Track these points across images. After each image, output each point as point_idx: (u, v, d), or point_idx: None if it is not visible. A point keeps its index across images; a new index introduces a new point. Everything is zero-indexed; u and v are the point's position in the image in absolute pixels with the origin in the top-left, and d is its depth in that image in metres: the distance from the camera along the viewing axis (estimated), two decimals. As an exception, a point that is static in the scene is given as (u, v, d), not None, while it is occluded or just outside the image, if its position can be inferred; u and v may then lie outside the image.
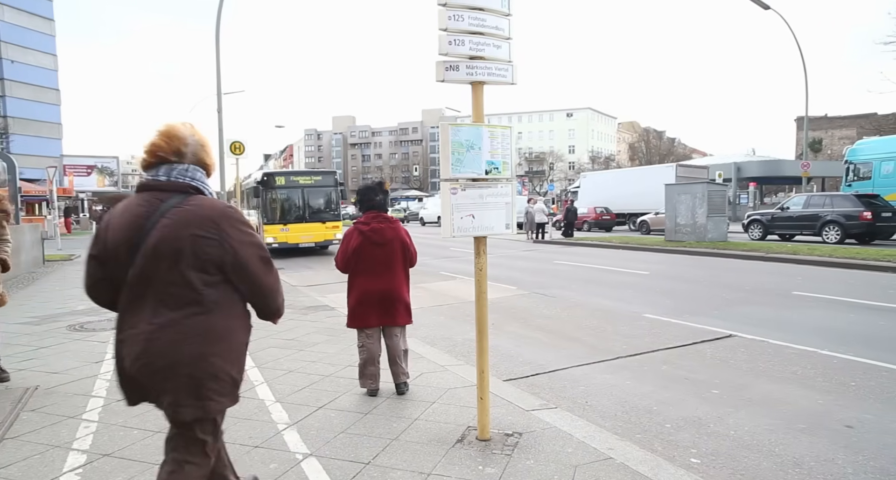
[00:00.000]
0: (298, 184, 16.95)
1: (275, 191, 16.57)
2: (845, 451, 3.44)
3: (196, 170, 2.15)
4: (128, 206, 2.08)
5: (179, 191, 2.08)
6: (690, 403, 4.29)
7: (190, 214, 2.02)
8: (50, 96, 51.10)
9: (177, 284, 2.00)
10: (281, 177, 17.05)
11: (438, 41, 3.12)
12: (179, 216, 2.01)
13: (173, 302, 2.00)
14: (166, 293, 2.00)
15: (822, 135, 61.65)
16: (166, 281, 2.00)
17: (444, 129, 3.17)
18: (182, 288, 2.00)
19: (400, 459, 3.18)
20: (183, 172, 2.11)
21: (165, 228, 1.99)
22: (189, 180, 2.11)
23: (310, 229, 16.73)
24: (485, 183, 3.31)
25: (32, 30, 49.37)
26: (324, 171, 18.49)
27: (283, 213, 16.64)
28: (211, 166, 2.23)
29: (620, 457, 3.15)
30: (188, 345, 2.00)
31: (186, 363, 2.00)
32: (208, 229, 2.01)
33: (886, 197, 17.52)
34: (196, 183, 2.13)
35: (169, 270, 1.99)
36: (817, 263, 12.32)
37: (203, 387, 2.04)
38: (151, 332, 1.98)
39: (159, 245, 1.98)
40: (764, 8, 20.60)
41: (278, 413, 3.91)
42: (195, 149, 2.16)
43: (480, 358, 3.42)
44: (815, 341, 5.89)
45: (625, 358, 5.52)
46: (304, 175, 17.75)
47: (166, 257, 1.98)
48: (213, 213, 2.05)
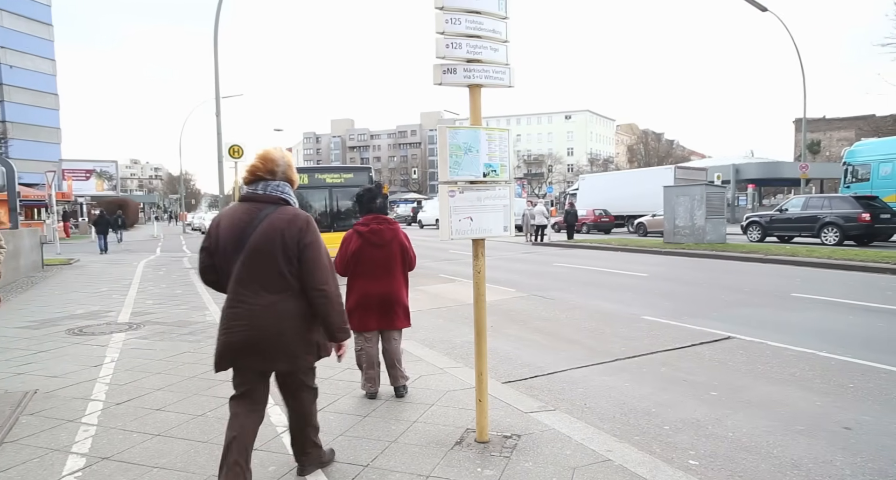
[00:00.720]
0: (325, 183, 13.19)
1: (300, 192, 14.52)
2: (844, 453, 3.45)
3: (285, 186, 2.79)
4: (234, 213, 2.72)
5: (273, 203, 2.72)
6: (689, 405, 4.30)
7: (280, 221, 2.65)
8: (49, 101, 51.06)
9: (273, 274, 2.63)
10: (302, 175, 12.47)
11: (435, 44, 3.14)
12: (275, 220, 2.65)
13: (272, 288, 2.64)
14: (266, 280, 2.63)
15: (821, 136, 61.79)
16: (265, 271, 2.63)
17: (441, 132, 3.19)
18: (277, 277, 2.64)
19: (398, 461, 3.18)
20: (275, 188, 2.75)
21: (263, 231, 2.63)
22: (280, 194, 2.75)
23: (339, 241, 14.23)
24: (483, 185, 3.32)
25: (31, 35, 49.35)
26: (357, 167, 14.71)
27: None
28: (295, 182, 2.87)
29: (619, 459, 3.16)
30: (285, 320, 2.65)
31: (284, 333, 2.66)
32: (293, 232, 2.64)
33: (885, 198, 17.59)
34: (285, 196, 2.76)
35: (266, 263, 2.63)
36: (816, 265, 12.33)
37: (294, 349, 2.71)
38: (256, 309, 2.62)
39: (261, 242, 2.62)
40: (761, 10, 20.69)
41: (277, 417, 3.91)
42: (284, 168, 2.80)
43: (479, 361, 3.43)
44: (814, 343, 5.90)
45: (623, 360, 5.52)
46: (331, 172, 13.91)
47: (264, 253, 2.62)
48: (297, 217, 2.70)
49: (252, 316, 2.62)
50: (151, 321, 7.51)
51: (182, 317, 7.72)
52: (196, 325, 7.16)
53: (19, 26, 48.32)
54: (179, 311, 8.26)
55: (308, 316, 2.72)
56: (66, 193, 40.92)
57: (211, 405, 4.17)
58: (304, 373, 2.91)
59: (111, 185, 56.29)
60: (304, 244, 2.65)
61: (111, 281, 12.32)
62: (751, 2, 20.38)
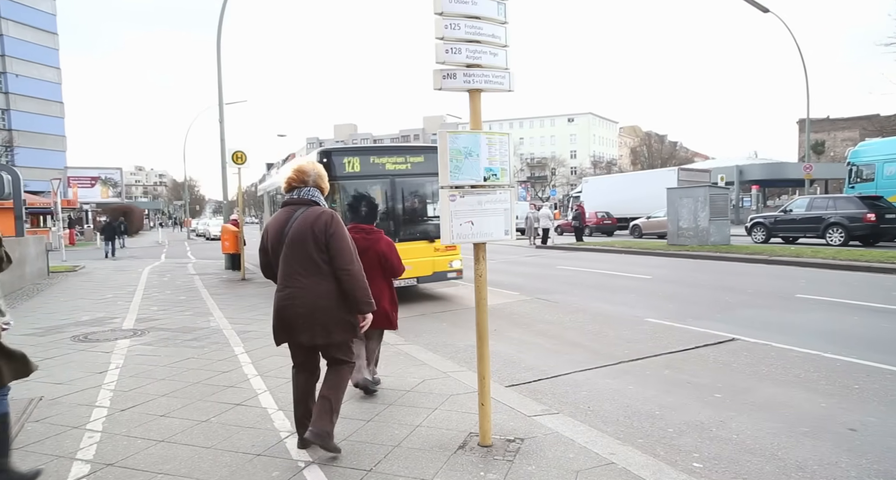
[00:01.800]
0: (385, 171, 9.41)
1: (342, 184, 8.91)
2: (849, 454, 3.43)
3: (315, 190, 3.44)
4: (278, 216, 3.40)
5: (304, 204, 3.38)
6: (693, 407, 4.29)
7: (310, 217, 3.28)
8: (54, 109, 51.44)
9: (308, 260, 3.23)
10: (353, 159, 9.17)
11: (435, 50, 3.16)
12: (305, 217, 3.29)
13: (308, 272, 3.24)
14: (303, 266, 3.24)
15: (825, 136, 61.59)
16: (301, 259, 3.24)
17: (442, 137, 3.20)
18: (311, 263, 3.23)
19: (402, 466, 3.19)
20: (307, 193, 3.41)
21: (297, 226, 3.27)
22: (310, 197, 3.40)
23: (407, 253, 9.12)
24: (483, 189, 3.33)
25: (36, 44, 49.76)
26: (429, 147, 10.03)
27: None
28: (325, 189, 3.51)
29: (622, 462, 3.15)
30: (320, 300, 3.23)
31: (320, 311, 3.23)
32: (319, 225, 3.23)
33: (890, 198, 17.43)
34: (314, 198, 3.40)
35: (301, 252, 3.24)
36: (821, 266, 12.28)
37: (330, 325, 3.27)
38: (297, 291, 3.24)
39: (295, 235, 3.26)
40: (763, 11, 20.67)
41: (281, 422, 3.92)
42: (314, 177, 3.47)
43: (481, 364, 3.43)
44: (819, 344, 5.87)
45: (627, 362, 5.51)
46: (393, 154, 9.67)
47: (299, 243, 3.24)
48: (323, 213, 3.30)
49: (294, 296, 3.24)
50: (156, 327, 7.54)
51: (186, 323, 7.75)
52: (200, 331, 7.19)
53: (25, 35, 48.75)
54: (184, 317, 8.29)
55: (340, 296, 3.28)
56: (72, 200, 41.17)
57: (215, 410, 4.18)
58: (337, 348, 3.40)
59: (116, 192, 56.58)
60: (329, 234, 3.23)
61: (116, 287, 12.37)
62: (752, 3, 20.37)
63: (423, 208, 9.74)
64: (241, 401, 4.38)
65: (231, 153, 14.05)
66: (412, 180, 9.51)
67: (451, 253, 9.52)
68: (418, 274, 9.18)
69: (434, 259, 9.33)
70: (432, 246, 9.28)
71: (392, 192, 9.34)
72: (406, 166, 9.45)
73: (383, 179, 9.30)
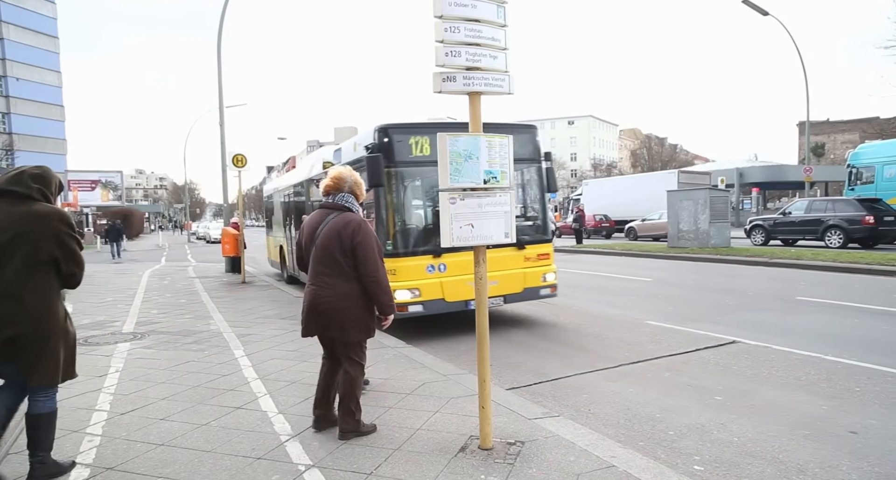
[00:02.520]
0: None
1: (404, 173, 6.90)
2: (850, 457, 3.42)
3: (349, 196, 3.69)
4: (312, 217, 3.75)
5: (337, 209, 3.65)
6: (694, 410, 4.28)
7: (338, 224, 3.54)
8: (54, 112, 51.51)
9: (333, 262, 3.51)
10: (421, 138, 6.78)
11: (435, 52, 3.16)
12: (335, 222, 3.56)
13: (333, 273, 3.53)
14: (329, 267, 3.53)
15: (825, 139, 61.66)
16: (328, 260, 3.53)
17: (441, 140, 3.21)
18: (336, 265, 3.51)
19: (402, 469, 3.18)
20: (341, 198, 3.67)
21: (327, 230, 3.55)
22: (344, 202, 3.66)
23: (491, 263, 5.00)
24: (483, 192, 3.33)
25: (37, 47, 49.85)
26: (514, 126, 7.73)
27: (427, 227, 7.14)
28: (360, 195, 3.77)
29: (623, 465, 3.14)
30: (341, 300, 3.51)
31: (340, 310, 3.52)
32: (347, 228, 3.49)
33: (890, 200, 17.42)
34: (348, 204, 3.66)
35: (328, 254, 3.52)
36: (821, 268, 12.27)
37: (347, 324, 3.54)
38: (321, 289, 3.55)
39: (324, 238, 3.54)
40: (762, 14, 20.72)
41: (281, 425, 3.91)
42: (350, 184, 3.71)
43: (481, 367, 3.43)
44: (819, 346, 5.87)
45: (627, 365, 5.50)
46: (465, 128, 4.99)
47: (327, 246, 3.53)
48: (352, 221, 3.54)
49: (317, 294, 3.56)
50: (156, 330, 7.54)
51: (187, 327, 7.75)
52: (200, 334, 7.18)
53: (26, 39, 48.85)
54: (184, 320, 8.28)
55: (360, 297, 3.54)
56: (72, 204, 41.22)
57: (215, 414, 4.17)
58: (350, 347, 3.64)
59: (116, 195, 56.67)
60: (355, 243, 3.47)
61: (116, 290, 12.36)
62: (752, 6, 20.42)
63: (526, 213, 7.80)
64: (241, 405, 4.37)
65: (231, 156, 14.06)
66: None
67: (544, 262, 7.48)
68: (505, 290, 7.03)
69: (525, 270, 7.21)
70: (522, 253, 7.18)
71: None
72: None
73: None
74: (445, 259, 6.64)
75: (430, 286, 6.56)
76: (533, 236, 7.51)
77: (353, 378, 3.64)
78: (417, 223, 7.08)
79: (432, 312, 6.60)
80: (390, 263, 5.91)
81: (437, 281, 6.61)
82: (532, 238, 7.45)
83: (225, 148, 15.80)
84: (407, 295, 6.44)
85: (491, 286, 6.41)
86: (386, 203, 6.55)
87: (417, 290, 6.51)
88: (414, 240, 6.85)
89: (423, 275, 6.56)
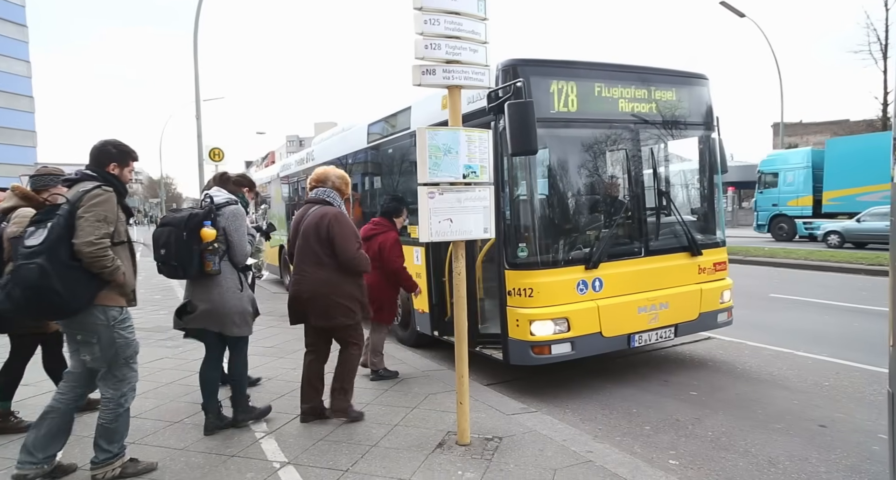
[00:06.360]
0: (618, 113, 4.73)
1: (553, 136, 4.55)
2: (819, 450, 3.50)
3: (331, 192, 3.91)
4: (298, 212, 3.94)
5: (319, 203, 3.87)
6: (670, 405, 4.33)
7: (316, 216, 3.75)
8: (23, 103, 50.09)
9: (313, 252, 3.71)
10: (567, 83, 4.40)
11: (414, 45, 3.13)
12: (314, 215, 3.77)
13: (313, 263, 3.72)
14: (310, 257, 3.73)
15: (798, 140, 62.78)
16: (308, 251, 3.72)
17: (421, 133, 3.17)
18: (315, 255, 3.70)
19: (379, 466, 3.15)
20: (322, 193, 3.90)
21: (309, 221, 3.76)
22: (325, 197, 3.88)
23: (658, 276, 4.82)
24: (463, 187, 3.31)
25: (4, 36, 48.38)
26: (679, 72, 5.16)
27: (577, 224, 4.79)
28: (344, 191, 4.00)
29: (600, 460, 3.16)
30: (321, 287, 3.69)
31: (320, 296, 3.69)
32: (322, 221, 3.70)
33: (788, 203, 19.64)
34: (328, 198, 3.87)
35: (308, 244, 3.72)
36: (794, 266, 12.55)
37: (330, 309, 3.71)
38: (304, 277, 3.74)
39: (305, 230, 3.76)
40: (739, 16, 21.03)
41: (256, 423, 3.85)
42: (333, 180, 3.96)
43: (460, 363, 3.41)
44: (792, 342, 5.99)
45: (605, 361, 5.54)
46: (628, 79, 4.77)
47: (307, 237, 3.73)
48: (326, 213, 3.74)
49: (300, 283, 3.75)
50: (128, 326, 7.36)
51: (161, 323, 7.58)
52: (174, 331, 7.02)
53: (-8, 27, 47.36)
54: (158, 316, 8.12)
55: (339, 284, 3.70)
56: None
57: (188, 411, 4.09)
58: (343, 330, 3.82)
59: (89, 189, 55.22)
60: (332, 234, 3.66)
61: (88, 286, 12.05)
62: (729, 7, 20.72)
63: (680, 190, 5.59)
64: (215, 401, 4.28)
65: (208, 150, 13.82)
66: (659, 133, 5.04)
67: (720, 275, 5.29)
68: (678, 318, 4.92)
69: (701, 287, 5.06)
70: (696, 262, 5.06)
71: (631, 157, 4.81)
72: (651, 107, 4.91)
73: (624, 125, 4.79)
74: (602, 271, 4.50)
75: (582, 314, 4.39)
76: (705, 238, 5.33)
77: (350, 358, 3.87)
78: (563, 218, 4.76)
79: (584, 353, 4.48)
80: (524, 278, 4.31)
81: (593, 306, 4.44)
82: (705, 240, 5.28)
83: (202, 141, 15.52)
84: (549, 330, 4.27)
85: (661, 311, 4.69)
86: (513, 185, 4.43)
87: (565, 321, 4.32)
88: (561, 243, 4.59)
89: (572, 297, 4.40)
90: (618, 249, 4.69)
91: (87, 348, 2.94)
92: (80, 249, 2.75)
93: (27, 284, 2.70)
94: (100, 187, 2.88)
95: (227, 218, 3.61)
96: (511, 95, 3.94)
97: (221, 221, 3.58)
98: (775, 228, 20.17)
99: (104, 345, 2.92)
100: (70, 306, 2.78)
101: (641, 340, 4.65)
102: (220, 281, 3.54)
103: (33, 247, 2.75)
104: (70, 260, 2.75)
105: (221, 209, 3.63)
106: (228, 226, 3.60)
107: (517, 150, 3.75)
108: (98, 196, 2.84)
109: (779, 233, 19.96)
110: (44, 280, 2.67)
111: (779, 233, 19.95)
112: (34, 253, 2.73)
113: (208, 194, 3.75)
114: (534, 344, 4.24)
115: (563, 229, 4.65)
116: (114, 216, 2.89)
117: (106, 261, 2.81)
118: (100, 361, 2.96)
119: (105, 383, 3.00)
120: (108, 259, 2.82)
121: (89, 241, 2.75)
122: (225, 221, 3.59)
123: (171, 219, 3.48)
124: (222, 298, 3.55)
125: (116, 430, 3.01)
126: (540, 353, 4.27)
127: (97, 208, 2.81)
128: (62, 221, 2.77)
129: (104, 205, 2.84)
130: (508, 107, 3.69)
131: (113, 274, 2.85)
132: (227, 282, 3.58)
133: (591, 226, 4.72)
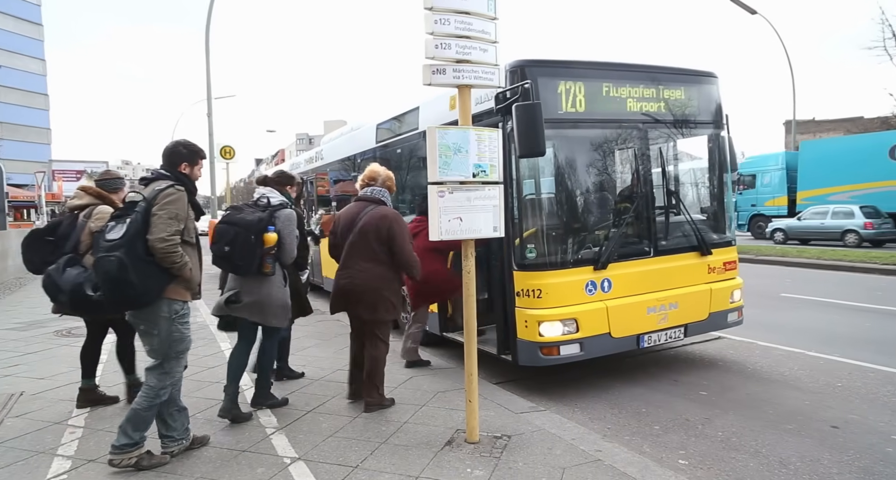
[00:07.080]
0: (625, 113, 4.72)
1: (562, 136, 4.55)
2: (831, 451, 3.47)
3: (383, 191, 4.16)
4: (350, 208, 4.16)
5: (373, 202, 4.08)
6: (679, 405, 4.31)
7: (375, 216, 3.95)
8: (38, 101, 50.63)
9: (369, 250, 3.92)
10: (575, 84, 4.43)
11: (425, 45, 3.13)
12: (372, 214, 3.97)
13: (367, 259, 3.92)
14: (364, 253, 3.93)
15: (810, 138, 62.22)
16: (364, 247, 3.93)
17: (431, 132, 3.18)
18: (371, 252, 3.92)
19: (388, 462, 3.17)
20: (377, 192, 4.13)
21: (366, 220, 3.95)
22: (378, 196, 4.11)
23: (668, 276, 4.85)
24: (472, 186, 3.31)
25: (20, 34, 48.90)
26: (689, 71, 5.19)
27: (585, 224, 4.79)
28: (392, 188, 4.27)
29: (609, 459, 3.16)
30: (373, 282, 3.91)
31: (371, 291, 3.91)
32: (383, 221, 3.91)
33: (766, 203, 20.61)
34: (382, 198, 4.11)
35: (366, 241, 3.92)
36: (806, 265, 12.43)
37: (378, 304, 3.94)
38: (357, 272, 3.94)
39: (363, 228, 3.94)
40: (751, 13, 20.81)
41: (266, 418, 3.89)
42: (384, 178, 4.21)
43: (469, 361, 3.42)
44: (803, 342, 5.94)
45: (615, 360, 5.52)
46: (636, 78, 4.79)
47: (365, 235, 3.92)
48: (387, 214, 3.97)
49: (353, 276, 3.95)
50: (141, 322, 7.44)
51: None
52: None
53: (7, 25, 47.88)
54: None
55: (391, 281, 3.97)
56: (57, 194, 40.59)
57: (200, 406, 4.14)
58: (378, 326, 4.03)
59: (102, 186, 55.80)
60: (392, 235, 3.88)
61: (101, 282, 12.20)
62: (740, 4, 20.51)
63: (690, 189, 5.55)
64: (226, 397, 4.33)
65: (219, 148, 13.92)
66: (668, 132, 5.04)
67: (731, 274, 5.30)
68: (688, 318, 4.92)
69: (711, 286, 5.07)
70: (706, 261, 5.06)
71: (640, 156, 4.78)
72: (660, 106, 4.91)
73: (628, 125, 4.78)
74: (611, 271, 4.52)
75: (591, 314, 4.41)
76: (715, 237, 5.30)
77: (377, 356, 4.03)
78: (572, 219, 4.74)
79: (593, 354, 4.49)
80: (533, 279, 4.32)
81: (602, 306, 4.46)
82: (715, 239, 5.26)
83: (213, 139, 15.63)
84: (558, 330, 4.29)
85: (670, 312, 4.73)
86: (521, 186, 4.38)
87: (573, 322, 4.34)
88: (569, 244, 4.59)
89: (580, 297, 4.41)
90: (627, 249, 4.70)
91: (147, 339, 3.12)
92: (153, 244, 2.92)
93: (107, 277, 2.89)
94: (173, 186, 3.07)
95: (283, 221, 3.84)
96: (519, 97, 3.93)
97: (277, 224, 3.79)
98: (754, 227, 20.94)
99: (162, 337, 3.07)
100: (143, 298, 2.97)
101: (651, 340, 4.68)
102: (271, 277, 3.78)
103: (114, 241, 2.92)
104: (146, 255, 2.93)
105: (277, 211, 3.85)
106: (283, 230, 3.81)
107: (525, 152, 3.71)
108: (171, 195, 3.03)
109: (757, 232, 20.59)
110: (122, 272, 2.85)
111: (758, 231, 20.63)
112: (114, 246, 2.90)
113: (265, 195, 3.97)
114: (542, 345, 4.26)
115: (572, 230, 4.65)
116: (184, 214, 3.07)
117: (175, 257, 2.98)
118: (157, 353, 3.11)
119: (152, 373, 3.13)
120: (178, 254, 2.99)
121: (161, 237, 2.93)
122: (280, 224, 3.81)
123: (237, 220, 3.68)
124: (270, 293, 3.80)
125: (145, 420, 3.11)
126: (549, 354, 4.29)
127: (170, 206, 3.00)
128: (139, 218, 2.95)
129: (176, 203, 3.03)
130: (516, 109, 3.67)
131: (181, 270, 3.02)
132: (275, 279, 3.82)
133: (600, 227, 4.76)
